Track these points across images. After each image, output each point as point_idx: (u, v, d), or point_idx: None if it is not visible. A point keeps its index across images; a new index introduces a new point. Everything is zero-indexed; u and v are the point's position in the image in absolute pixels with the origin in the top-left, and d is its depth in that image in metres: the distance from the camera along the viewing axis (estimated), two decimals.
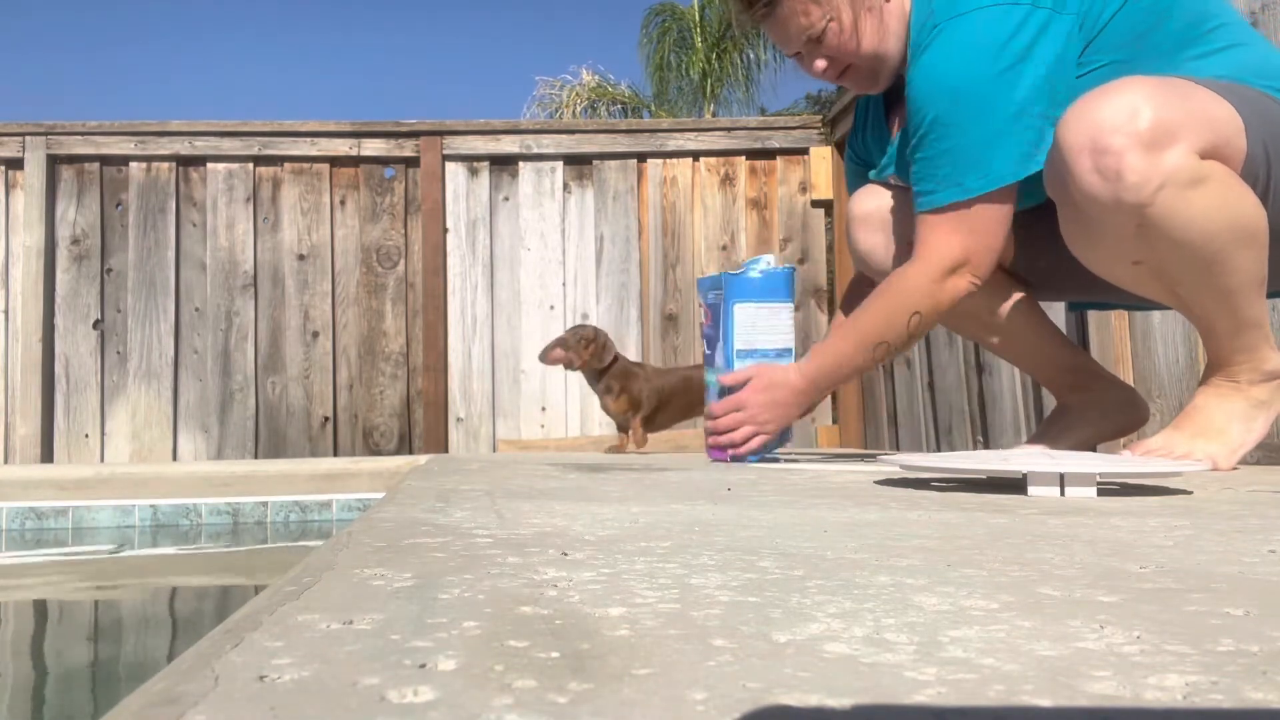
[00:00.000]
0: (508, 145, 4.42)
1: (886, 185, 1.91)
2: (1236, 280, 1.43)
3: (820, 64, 1.74)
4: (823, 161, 4.42)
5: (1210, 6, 1.56)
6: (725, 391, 1.81)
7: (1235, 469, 1.56)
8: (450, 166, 4.40)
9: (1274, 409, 1.56)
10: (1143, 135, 1.32)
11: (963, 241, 1.60)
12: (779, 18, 1.72)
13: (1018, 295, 1.84)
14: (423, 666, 0.37)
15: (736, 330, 1.75)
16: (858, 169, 2.04)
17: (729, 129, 4.55)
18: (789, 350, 1.84)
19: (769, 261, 1.82)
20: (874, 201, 1.90)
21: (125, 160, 4.30)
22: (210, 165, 4.33)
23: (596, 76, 18.05)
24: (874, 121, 1.93)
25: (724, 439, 1.78)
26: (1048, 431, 1.89)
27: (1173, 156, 1.32)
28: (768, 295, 1.80)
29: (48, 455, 4.13)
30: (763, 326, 1.77)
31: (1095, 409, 1.87)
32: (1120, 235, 1.41)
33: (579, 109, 17.40)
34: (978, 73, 1.53)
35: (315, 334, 4.30)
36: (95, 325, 4.23)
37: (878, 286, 1.69)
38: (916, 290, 1.64)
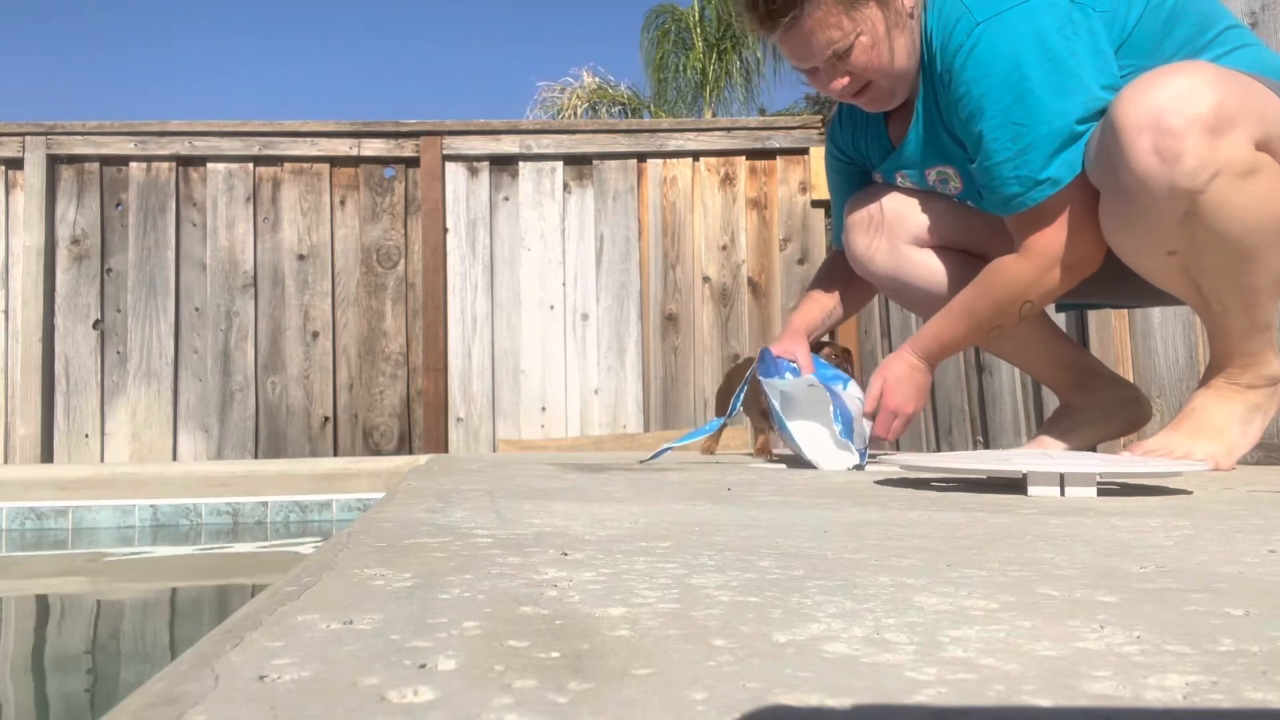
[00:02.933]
0: (508, 145, 4.42)
1: (886, 186, 1.90)
2: (1262, 280, 1.42)
3: (841, 81, 1.66)
4: (823, 161, 4.41)
5: (1212, 13, 1.56)
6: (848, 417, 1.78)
7: (1234, 469, 1.56)
8: (450, 166, 4.40)
9: (1270, 413, 1.57)
10: (1205, 119, 1.30)
11: (1067, 229, 1.54)
12: (804, 30, 1.60)
13: None
14: (423, 666, 0.36)
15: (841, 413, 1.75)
16: (843, 164, 2.00)
17: (729, 129, 4.55)
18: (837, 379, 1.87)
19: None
20: (871, 205, 1.88)
21: (125, 160, 4.30)
22: (210, 165, 4.33)
23: (597, 78, 18.06)
24: (867, 120, 1.89)
25: (891, 439, 1.79)
26: (1051, 431, 1.89)
27: (1231, 144, 1.31)
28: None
29: (48, 455, 4.13)
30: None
31: (1098, 408, 1.86)
32: (1164, 222, 1.39)
33: (580, 110, 17.40)
34: (1043, 67, 1.49)
35: (315, 334, 4.30)
36: (95, 325, 4.23)
37: (981, 274, 1.66)
38: (1028, 281, 1.60)
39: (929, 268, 1.84)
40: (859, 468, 1.72)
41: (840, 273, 2.00)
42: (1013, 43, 1.50)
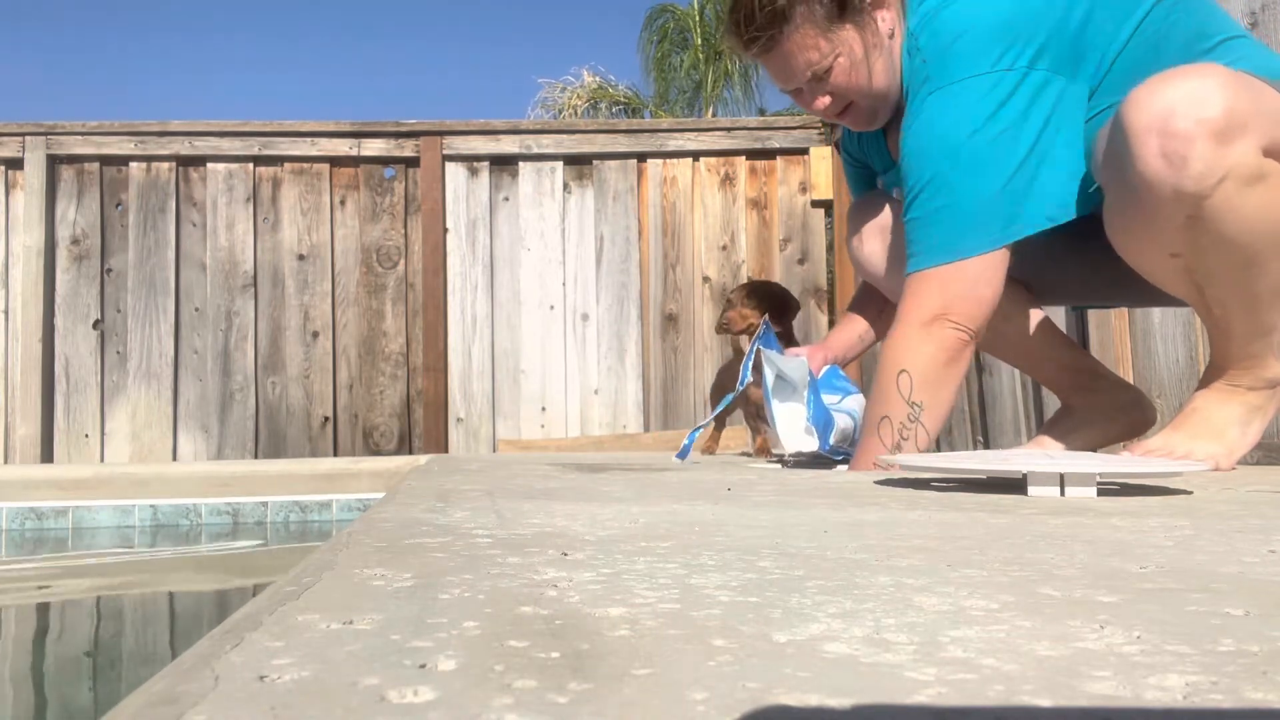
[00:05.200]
0: (508, 145, 4.42)
1: (888, 193, 1.90)
2: (1265, 285, 1.42)
3: (823, 101, 1.69)
4: (823, 161, 4.42)
5: (1208, 25, 1.54)
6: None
7: (1234, 469, 1.56)
8: (450, 166, 4.40)
9: (1269, 414, 1.57)
10: (1214, 123, 1.29)
11: (941, 295, 1.56)
12: (782, 52, 1.65)
13: (1019, 297, 1.84)
14: (423, 666, 0.36)
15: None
16: (855, 167, 2.02)
17: (729, 129, 4.55)
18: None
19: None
20: (873, 210, 1.89)
21: (125, 160, 4.30)
22: (210, 165, 4.33)
23: (597, 77, 18.04)
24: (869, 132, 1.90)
25: None
26: (1052, 432, 1.88)
27: (1239, 150, 1.30)
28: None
29: (48, 455, 4.13)
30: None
31: (1100, 410, 1.86)
32: (1168, 225, 1.38)
33: (580, 109, 17.40)
34: (974, 140, 1.52)
35: (315, 334, 4.30)
36: (95, 325, 4.23)
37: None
38: (898, 348, 1.59)
39: None
40: (823, 457, 1.76)
41: (876, 293, 2.01)
42: (956, 116, 1.54)
